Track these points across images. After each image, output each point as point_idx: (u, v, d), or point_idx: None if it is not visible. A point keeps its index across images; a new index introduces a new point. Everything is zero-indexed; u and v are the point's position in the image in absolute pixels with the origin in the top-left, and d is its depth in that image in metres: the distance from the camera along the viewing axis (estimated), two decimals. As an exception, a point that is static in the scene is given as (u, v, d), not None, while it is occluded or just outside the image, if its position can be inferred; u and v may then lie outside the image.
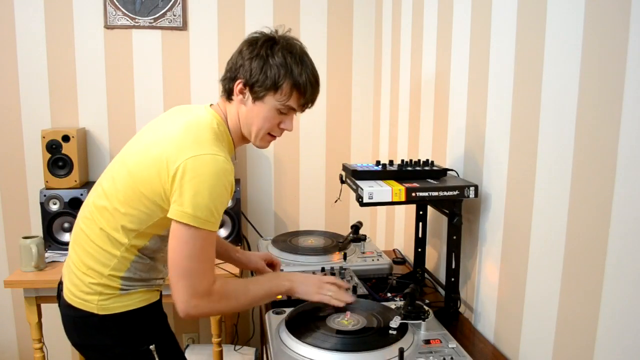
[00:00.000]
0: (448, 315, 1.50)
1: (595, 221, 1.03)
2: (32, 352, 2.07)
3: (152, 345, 1.30)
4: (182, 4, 2.44)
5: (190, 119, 1.27)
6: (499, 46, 1.40)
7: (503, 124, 1.38)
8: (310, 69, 1.30)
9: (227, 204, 1.24)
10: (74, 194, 2.23)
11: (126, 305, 1.28)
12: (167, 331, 1.42)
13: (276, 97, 1.26)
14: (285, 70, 1.24)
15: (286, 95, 1.26)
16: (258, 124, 1.29)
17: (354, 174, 1.53)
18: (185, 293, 1.17)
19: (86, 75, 2.45)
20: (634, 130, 0.92)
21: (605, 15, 0.99)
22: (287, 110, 1.29)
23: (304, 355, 1.18)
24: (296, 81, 1.26)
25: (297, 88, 1.26)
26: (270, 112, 1.28)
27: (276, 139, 1.37)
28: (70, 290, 1.30)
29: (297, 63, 1.26)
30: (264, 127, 1.30)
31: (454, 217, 1.47)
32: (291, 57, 1.26)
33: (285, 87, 1.25)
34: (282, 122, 1.32)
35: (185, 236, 1.17)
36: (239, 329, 2.68)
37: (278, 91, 1.25)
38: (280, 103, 1.27)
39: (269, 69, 1.24)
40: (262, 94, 1.25)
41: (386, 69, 2.46)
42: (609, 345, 1.00)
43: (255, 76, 1.24)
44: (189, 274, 1.17)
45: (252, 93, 1.26)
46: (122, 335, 1.29)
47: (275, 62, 1.24)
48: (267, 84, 1.24)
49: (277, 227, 2.71)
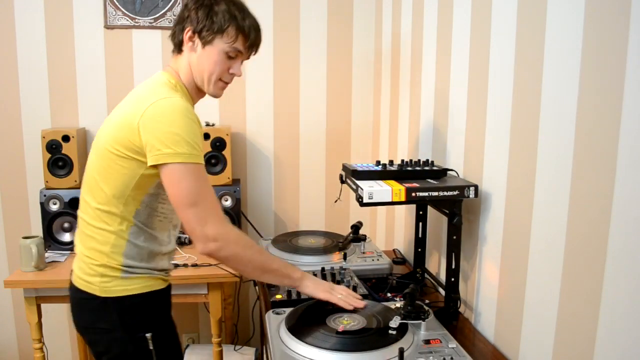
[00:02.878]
0: (448, 315, 1.50)
1: (595, 221, 1.03)
2: (32, 352, 2.07)
3: (148, 334, 1.31)
4: (182, 4, 2.44)
5: (142, 84, 1.37)
6: (499, 46, 1.40)
7: (503, 124, 1.38)
8: (251, 16, 1.38)
9: (201, 136, 1.29)
10: (74, 194, 2.23)
11: (127, 290, 1.30)
12: (167, 322, 1.42)
13: (224, 39, 1.33)
14: (229, 16, 1.33)
15: (232, 38, 1.34)
16: (209, 68, 1.35)
17: (354, 174, 1.53)
18: (198, 219, 1.21)
19: (86, 75, 2.45)
20: (634, 130, 0.92)
21: (605, 15, 0.99)
22: (235, 54, 1.36)
23: (304, 355, 1.18)
24: (240, 25, 1.34)
25: (241, 31, 1.34)
26: (219, 56, 1.34)
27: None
28: (76, 273, 1.35)
29: (240, 10, 1.35)
30: (215, 71, 1.35)
31: (454, 217, 1.47)
32: (233, 5, 1.35)
33: (230, 30, 1.33)
34: (231, 67, 1.38)
35: (176, 175, 1.21)
36: (239, 329, 2.68)
37: (225, 34, 1.33)
38: (228, 45, 1.34)
39: (214, 15, 1.32)
40: (210, 37, 1.33)
41: (386, 69, 2.46)
42: (609, 345, 1.00)
43: (202, 22, 1.32)
44: (194, 202, 1.21)
45: (201, 39, 1.34)
46: (121, 319, 1.31)
47: (220, 9, 1.33)
48: (214, 27, 1.32)
49: (277, 227, 2.71)
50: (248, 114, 2.61)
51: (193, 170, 1.21)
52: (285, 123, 2.64)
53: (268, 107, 2.61)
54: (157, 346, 1.33)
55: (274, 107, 2.62)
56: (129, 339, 1.31)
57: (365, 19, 2.61)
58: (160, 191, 1.31)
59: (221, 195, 2.31)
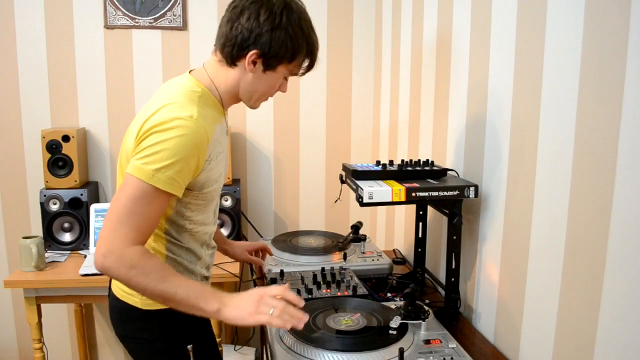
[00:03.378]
0: (448, 315, 1.50)
1: (595, 221, 1.03)
2: (32, 352, 2.07)
3: (189, 345, 1.26)
4: (182, 4, 2.44)
5: (163, 89, 1.24)
6: (498, 46, 1.40)
7: (503, 123, 1.38)
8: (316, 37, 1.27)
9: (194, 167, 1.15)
10: (74, 194, 2.24)
11: None
12: (207, 334, 1.40)
13: (289, 66, 1.24)
14: (304, 41, 1.21)
15: (299, 63, 1.25)
16: (264, 90, 1.26)
17: (354, 174, 1.53)
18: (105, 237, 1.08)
19: (86, 75, 2.45)
20: (634, 130, 0.92)
21: (605, 15, 0.99)
22: (294, 74, 1.28)
23: (304, 355, 1.18)
24: (310, 49, 1.24)
25: (310, 55, 1.25)
26: (278, 80, 1.26)
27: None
28: (116, 283, 1.30)
29: (311, 29, 1.24)
30: (266, 93, 1.28)
31: (454, 217, 1.47)
32: (306, 24, 1.22)
33: (301, 56, 1.23)
34: (282, 85, 1.30)
35: (127, 185, 1.10)
36: (239, 329, 2.68)
37: (294, 61, 1.23)
38: (291, 70, 1.25)
39: (289, 39, 1.18)
40: (276, 64, 1.21)
41: (386, 69, 2.46)
42: (609, 345, 1.00)
43: (275, 49, 1.18)
44: (115, 220, 1.09)
45: (266, 63, 1.21)
46: (163, 331, 1.29)
47: (296, 32, 1.19)
48: (286, 55, 1.20)
49: (277, 227, 2.71)
50: (248, 114, 2.61)
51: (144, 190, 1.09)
52: (285, 123, 2.64)
53: (268, 107, 2.61)
54: (198, 358, 1.29)
55: (274, 107, 2.62)
56: (170, 350, 1.30)
57: (365, 19, 2.61)
58: (181, 209, 1.24)
59: (221, 195, 2.31)
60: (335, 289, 1.57)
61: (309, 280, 1.63)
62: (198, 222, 1.29)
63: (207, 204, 1.30)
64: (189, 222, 1.27)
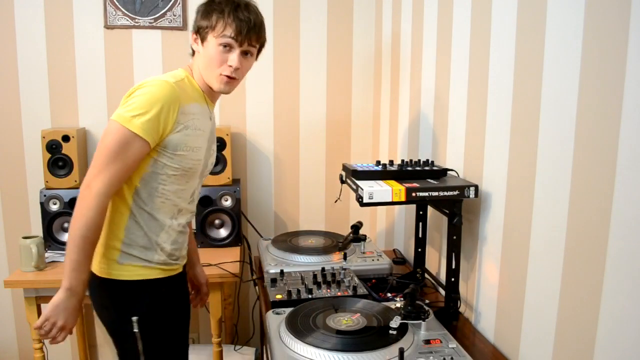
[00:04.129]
0: (448, 315, 1.50)
1: (595, 221, 1.03)
2: (32, 352, 2.07)
3: (135, 317, 1.38)
4: (182, 4, 2.44)
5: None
6: (499, 46, 1.40)
7: (503, 123, 1.38)
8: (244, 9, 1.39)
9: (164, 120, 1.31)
10: (74, 194, 2.23)
11: (121, 275, 1.38)
12: (164, 310, 1.44)
13: (215, 33, 1.38)
14: (219, 10, 1.38)
15: (221, 29, 1.37)
16: (208, 62, 1.40)
17: (354, 174, 1.53)
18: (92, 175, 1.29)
19: (86, 75, 2.45)
20: (634, 130, 0.92)
21: (605, 15, 0.99)
22: (227, 44, 1.38)
23: (304, 355, 1.18)
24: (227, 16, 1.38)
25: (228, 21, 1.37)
26: (214, 49, 1.38)
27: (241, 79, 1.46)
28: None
29: (230, 4, 1.39)
30: (212, 64, 1.39)
31: (454, 217, 1.47)
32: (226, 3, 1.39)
33: (220, 23, 1.38)
34: (228, 59, 1.40)
35: (109, 130, 1.30)
36: (239, 329, 2.68)
37: (215, 28, 1.37)
38: (218, 36, 1.37)
39: (207, 12, 1.40)
40: (204, 34, 1.40)
41: (386, 69, 2.46)
42: (609, 345, 1.00)
43: (199, 22, 1.41)
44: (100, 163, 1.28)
45: (200, 38, 1.41)
46: (112, 300, 1.40)
47: (212, 7, 1.39)
48: (206, 24, 1.39)
49: (277, 227, 2.71)
50: (248, 114, 2.61)
51: (122, 133, 1.28)
52: (285, 123, 2.64)
53: (268, 107, 2.61)
54: (144, 331, 1.39)
55: (274, 107, 2.62)
56: (117, 319, 1.40)
57: (365, 19, 2.61)
58: (158, 170, 1.37)
59: (221, 195, 2.31)
60: (335, 289, 1.57)
61: (309, 280, 1.63)
62: (171, 190, 1.40)
63: (183, 176, 1.41)
64: (162, 185, 1.38)
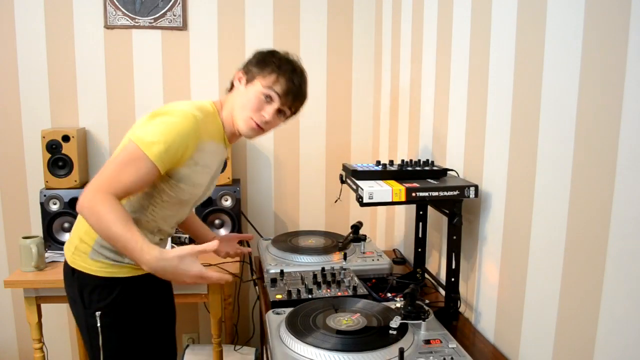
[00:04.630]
0: (448, 315, 1.50)
1: (595, 221, 1.03)
2: (32, 352, 2.07)
3: (98, 312, 1.40)
4: (182, 4, 2.44)
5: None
6: (499, 46, 1.40)
7: (503, 124, 1.38)
8: (299, 76, 1.45)
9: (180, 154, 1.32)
10: (74, 194, 2.23)
11: (90, 270, 1.40)
12: (130, 308, 1.45)
13: (264, 81, 1.41)
14: (277, 65, 1.42)
15: (272, 81, 1.41)
16: (243, 102, 1.42)
17: (354, 174, 1.53)
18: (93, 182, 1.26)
19: (86, 75, 2.45)
20: (634, 130, 0.92)
21: (605, 15, 0.99)
22: (271, 96, 1.41)
23: (304, 355, 1.18)
24: (282, 72, 1.42)
25: (282, 77, 1.41)
26: (255, 94, 1.41)
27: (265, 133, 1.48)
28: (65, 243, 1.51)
29: (289, 64, 1.44)
30: (247, 107, 1.42)
31: (454, 217, 1.47)
32: (286, 60, 1.45)
33: (272, 74, 1.41)
34: (264, 109, 1.42)
35: (127, 148, 1.30)
36: (239, 329, 2.68)
37: (267, 76, 1.41)
38: (266, 86, 1.41)
39: (264, 61, 1.44)
40: (251, 76, 1.43)
41: (386, 69, 2.46)
42: (609, 345, 1.00)
43: (252, 65, 1.45)
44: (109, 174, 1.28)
45: (246, 77, 1.45)
46: (80, 292, 1.42)
47: (272, 59, 1.44)
48: (257, 66, 1.43)
49: (277, 227, 2.71)
50: (248, 114, 2.60)
51: (138, 156, 1.28)
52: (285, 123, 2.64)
53: (268, 107, 2.61)
54: (106, 326, 1.41)
55: (274, 107, 2.62)
56: (83, 313, 1.43)
57: (365, 19, 2.61)
58: (155, 193, 1.39)
59: (221, 195, 2.31)
60: (335, 289, 1.57)
61: (309, 280, 1.63)
62: (160, 214, 1.42)
63: (176, 204, 1.44)
64: (153, 207, 1.40)
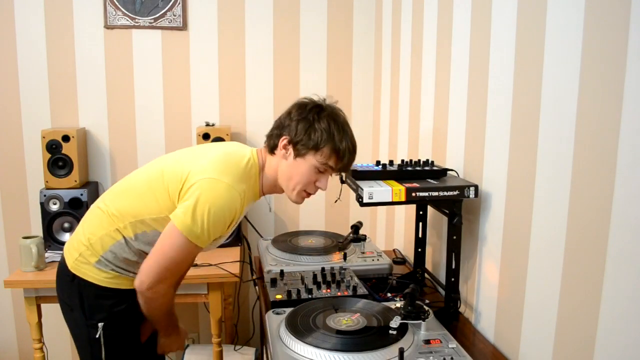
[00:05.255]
0: (448, 315, 1.50)
1: (595, 221, 1.03)
2: (32, 352, 2.07)
3: (101, 323, 1.40)
4: (182, 4, 2.45)
5: (230, 150, 1.44)
6: (499, 46, 1.40)
7: (503, 123, 1.38)
8: (349, 138, 1.41)
9: (223, 233, 1.39)
10: (74, 194, 2.24)
11: (95, 279, 1.39)
12: (132, 320, 1.45)
13: (316, 157, 1.38)
14: (327, 135, 1.36)
15: (325, 157, 1.38)
16: (297, 178, 1.40)
17: (354, 174, 1.53)
18: (151, 276, 1.32)
19: (86, 75, 2.45)
20: (634, 130, 0.92)
21: (605, 15, 0.99)
22: (325, 169, 1.40)
23: (304, 355, 1.18)
24: (336, 146, 1.37)
25: (336, 153, 1.38)
26: (308, 170, 1.39)
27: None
28: (66, 246, 1.48)
29: (339, 130, 1.38)
30: (301, 182, 1.40)
31: (454, 217, 1.47)
32: (334, 125, 1.38)
33: (325, 150, 1.37)
34: (318, 180, 1.42)
35: (177, 241, 1.32)
36: (239, 329, 2.68)
37: (319, 152, 1.37)
38: (320, 163, 1.38)
39: (313, 132, 1.37)
40: (304, 152, 1.38)
41: (386, 69, 2.46)
42: (609, 345, 1.00)
43: (300, 136, 1.37)
44: (164, 268, 1.33)
45: (295, 150, 1.39)
46: (81, 301, 1.40)
47: (320, 126, 1.37)
48: (309, 144, 1.37)
49: (277, 227, 2.71)
50: (248, 114, 2.61)
51: (189, 248, 1.33)
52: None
53: (268, 107, 2.61)
54: (108, 338, 1.41)
55: (274, 107, 2.62)
56: (83, 323, 1.41)
57: (365, 19, 2.61)
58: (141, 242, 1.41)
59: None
60: (335, 289, 1.57)
61: (309, 280, 1.63)
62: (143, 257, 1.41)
63: None
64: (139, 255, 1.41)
